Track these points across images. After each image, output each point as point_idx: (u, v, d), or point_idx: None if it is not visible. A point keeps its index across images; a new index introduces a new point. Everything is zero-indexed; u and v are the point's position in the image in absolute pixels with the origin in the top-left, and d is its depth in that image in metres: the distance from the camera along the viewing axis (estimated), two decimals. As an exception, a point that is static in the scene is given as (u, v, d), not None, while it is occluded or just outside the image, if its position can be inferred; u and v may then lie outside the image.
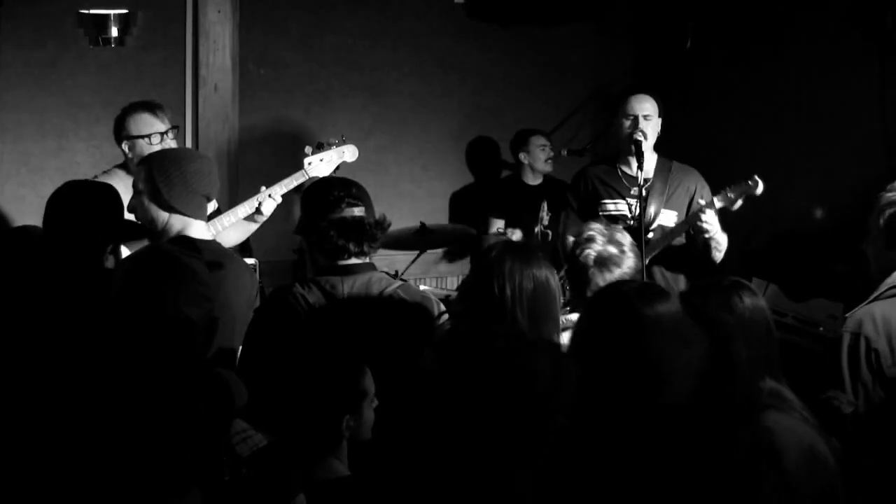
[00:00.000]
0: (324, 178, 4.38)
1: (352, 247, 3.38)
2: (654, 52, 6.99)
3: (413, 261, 6.06)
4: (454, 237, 6.32)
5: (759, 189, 4.54)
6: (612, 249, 3.57)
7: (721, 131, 6.57)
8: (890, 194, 3.35)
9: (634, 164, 4.73)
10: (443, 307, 3.42)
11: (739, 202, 4.59)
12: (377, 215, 3.51)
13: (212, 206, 4.73)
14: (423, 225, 5.81)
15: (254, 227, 4.65)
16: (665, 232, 4.79)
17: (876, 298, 3.38)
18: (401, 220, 6.10)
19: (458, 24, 6.82)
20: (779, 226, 5.84)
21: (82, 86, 5.83)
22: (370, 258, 3.48)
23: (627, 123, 4.77)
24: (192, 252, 2.92)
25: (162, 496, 2.26)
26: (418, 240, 5.82)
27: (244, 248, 5.36)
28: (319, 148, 4.72)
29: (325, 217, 3.39)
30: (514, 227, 6.28)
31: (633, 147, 4.71)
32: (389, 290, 3.39)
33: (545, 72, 7.08)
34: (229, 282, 3.46)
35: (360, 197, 3.47)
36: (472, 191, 6.96)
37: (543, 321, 2.97)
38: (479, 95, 6.98)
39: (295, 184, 4.56)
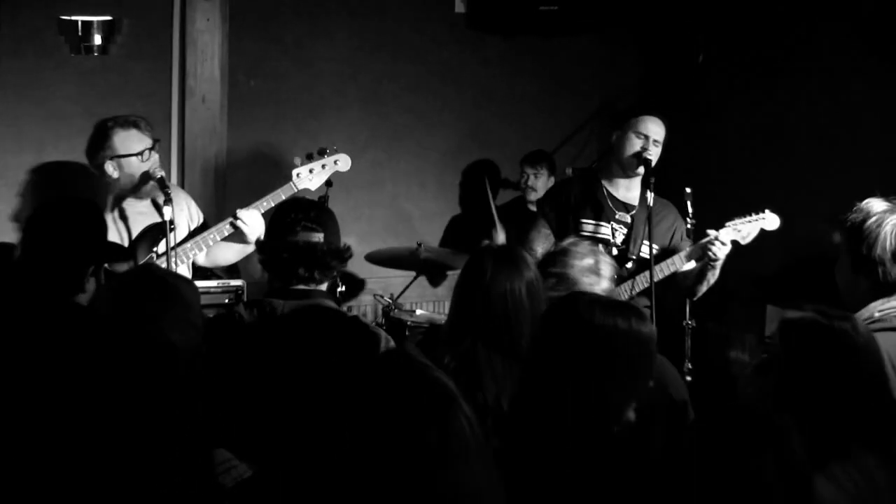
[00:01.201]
0: (291, 199, 4.39)
1: (301, 272, 3.41)
2: (662, 66, 7.00)
3: (409, 284, 6.05)
4: (455, 261, 6.29)
5: (776, 225, 4.55)
6: (588, 262, 3.57)
7: (733, 151, 6.55)
8: (853, 216, 3.30)
9: (623, 186, 4.77)
10: (392, 344, 3.31)
11: (752, 236, 4.61)
12: (341, 244, 3.52)
13: (201, 219, 4.76)
14: (419, 246, 5.78)
15: (249, 248, 4.63)
16: (669, 260, 4.72)
17: None
18: (397, 241, 6.16)
19: (458, 35, 6.81)
20: (794, 250, 5.80)
21: (63, 96, 5.77)
22: (324, 286, 3.48)
23: (638, 142, 4.72)
24: (182, 275, 2.96)
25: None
26: (415, 262, 5.79)
27: (231, 268, 5.38)
28: (309, 158, 4.70)
29: (279, 239, 3.45)
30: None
31: (639, 165, 4.68)
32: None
33: (549, 85, 7.08)
34: None
35: (321, 221, 3.48)
36: (472, 215, 6.92)
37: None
38: (479, 109, 6.97)
39: (283, 197, 4.54)
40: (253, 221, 4.48)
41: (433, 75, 6.83)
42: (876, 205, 3.25)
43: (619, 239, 4.76)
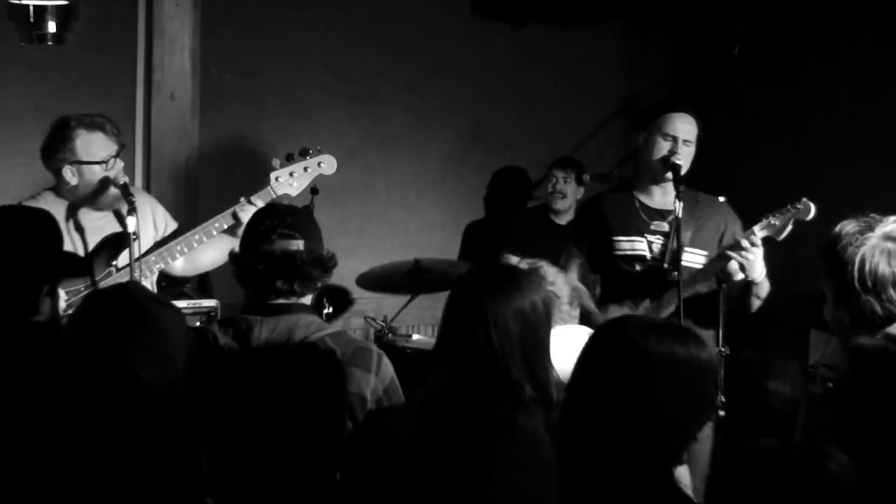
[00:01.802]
0: (266, 205, 4.37)
1: (279, 284, 3.36)
2: (694, 58, 7.01)
3: (405, 305, 5.98)
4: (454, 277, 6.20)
5: (811, 213, 4.42)
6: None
7: (771, 152, 6.54)
8: (829, 240, 3.25)
9: (658, 192, 4.71)
10: (385, 360, 3.36)
11: (787, 230, 4.47)
12: (324, 251, 3.47)
13: (171, 227, 4.68)
14: (416, 262, 5.67)
15: (234, 242, 4.44)
16: (692, 273, 4.65)
17: None
18: (391, 256, 6.09)
19: (462, 25, 6.80)
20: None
21: (12, 91, 5.77)
22: (306, 299, 3.45)
23: (665, 144, 4.66)
24: (165, 299, 2.95)
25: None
26: (411, 280, 5.69)
27: (203, 287, 5.29)
28: (289, 160, 4.65)
29: (254, 249, 3.40)
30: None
31: (666, 171, 4.62)
32: (315, 336, 3.31)
33: (564, 81, 7.09)
34: None
35: (299, 228, 3.43)
36: (490, 223, 6.90)
37: (538, 360, 3.00)
38: (485, 108, 6.97)
39: (261, 203, 4.50)
40: None
41: (433, 69, 6.83)
42: (847, 226, 3.20)
43: (659, 251, 4.73)
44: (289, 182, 4.61)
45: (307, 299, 3.44)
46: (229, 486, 2.92)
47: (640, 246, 4.73)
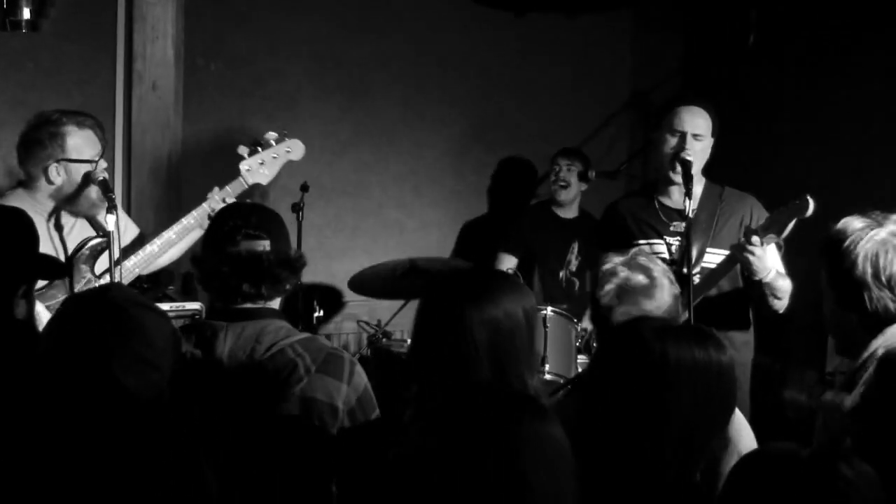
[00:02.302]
0: (229, 205, 4.36)
1: (245, 288, 3.31)
2: (707, 48, 7.01)
3: (399, 309, 5.99)
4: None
5: (810, 210, 4.40)
6: (639, 278, 3.60)
7: (788, 147, 6.54)
8: (830, 239, 3.25)
9: (676, 191, 4.71)
10: (358, 368, 3.31)
11: (789, 228, 4.45)
12: (291, 252, 3.43)
13: (132, 231, 4.69)
14: (412, 263, 5.70)
15: (197, 234, 4.65)
16: (706, 274, 4.68)
17: None
18: (385, 257, 6.07)
19: (462, 12, 6.80)
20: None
21: None
22: (274, 303, 3.41)
23: (673, 141, 4.67)
24: (150, 303, 2.84)
25: None
26: (407, 282, 5.69)
27: (187, 289, 5.29)
28: (256, 148, 4.73)
29: (218, 250, 3.34)
30: (533, 268, 6.15)
31: (678, 168, 4.63)
32: (283, 343, 3.27)
33: (570, 72, 7.09)
34: None
35: (265, 227, 3.38)
36: (489, 222, 6.86)
37: (511, 367, 2.90)
38: (486, 101, 6.97)
39: (232, 193, 4.64)
40: None
41: (431, 60, 6.83)
42: (853, 223, 3.19)
43: (679, 253, 4.75)
44: (260, 171, 4.69)
45: (275, 303, 3.41)
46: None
47: (660, 248, 4.74)
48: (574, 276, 5.33)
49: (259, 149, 4.70)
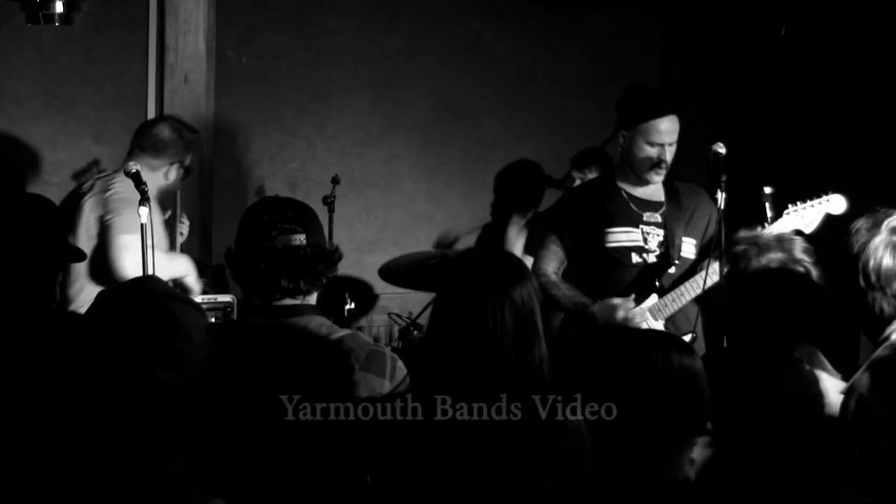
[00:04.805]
0: (261, 199, 4.30)
1: (283, 283, 3.31)
2: (738, 40, 6.91)
3: (430, 302, 5.90)
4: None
5: (842, 207, 4.52)
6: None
7: (820, 142, 6.42)
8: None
9: (652, 187, 4.85)
10: (399, 363, 3.31)
11: (816, 223, 4.56)
12: (328, 245, 3.44)
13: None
14: (444, 256, 5.78)
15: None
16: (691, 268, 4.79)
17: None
18: (415, 249, 6.08)
19: (492, 3, 6.83)
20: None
21: (17, 74, 5.79)
22: (312, 298, 3.40)
23: (653, 151, 4.74)
24: (186, 297, 2.83)
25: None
26: (437, 274, 5.71)
27: (218, 285, 5.29)
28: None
29: (252, 246, 3.34)
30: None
31: (657, 174, 4.75)
32: (331, 339, 3.30)
33: (600, 65, 7.05)
34: None
35: (300, 221, 3.38)
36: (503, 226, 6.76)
37: (529, 350, 2.93)
38: (517, 94, 6.96)
39: None
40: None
41: (461, 52, 6.83)
42: (859, 221, 3.19)
43: (655, 242, 4.83)
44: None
45: (313, 298, 3.40)
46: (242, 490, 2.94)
47: (636, 237, 4.81)
48: None
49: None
